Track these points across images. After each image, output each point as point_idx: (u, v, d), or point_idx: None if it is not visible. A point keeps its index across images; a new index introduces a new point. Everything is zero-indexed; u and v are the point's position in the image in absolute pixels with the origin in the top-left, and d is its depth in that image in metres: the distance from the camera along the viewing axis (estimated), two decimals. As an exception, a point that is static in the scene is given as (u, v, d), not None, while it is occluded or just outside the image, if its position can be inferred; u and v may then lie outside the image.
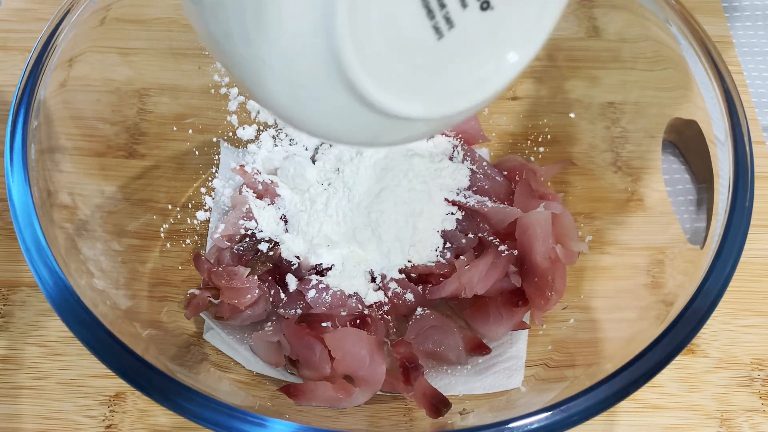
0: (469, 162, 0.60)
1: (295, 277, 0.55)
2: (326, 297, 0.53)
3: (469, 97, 0.32)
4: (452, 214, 0.57)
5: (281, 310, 0.54)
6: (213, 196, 0.62)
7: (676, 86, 0.53)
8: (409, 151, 0.58)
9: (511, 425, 0.38)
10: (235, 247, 0.57)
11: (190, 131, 0.63)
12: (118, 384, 0.54)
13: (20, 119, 0.46)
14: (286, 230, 0.58)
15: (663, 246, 0.52)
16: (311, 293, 0.53)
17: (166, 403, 0.38)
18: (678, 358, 0.41)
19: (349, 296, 0.54)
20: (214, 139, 0.64)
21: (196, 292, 0.54)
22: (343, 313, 0.52)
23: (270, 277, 0.55)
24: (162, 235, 0.58)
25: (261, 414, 0.38)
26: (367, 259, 0.56)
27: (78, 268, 0.45)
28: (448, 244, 0.57)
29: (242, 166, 0.61)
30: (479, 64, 0.32)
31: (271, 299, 0.54)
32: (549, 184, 0.61)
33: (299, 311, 0.53)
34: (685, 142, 0.54)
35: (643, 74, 0.59)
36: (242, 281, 0.53)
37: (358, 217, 0.55)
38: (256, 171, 0.61)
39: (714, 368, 0.56)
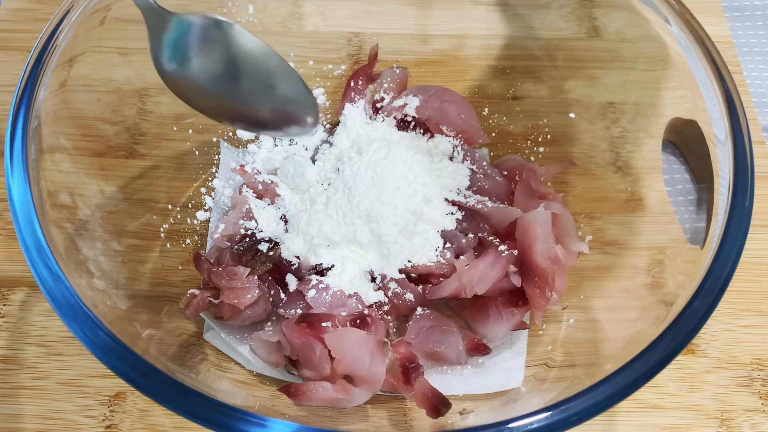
0: (469, 162, 0.60)
1: (295, 277, 0.55)
2: (326, 297, 0.53)
3: None
4: (452, 214, 0.57)
5: (281, 310, 0.54)
6: (213, 196, 0.62)
7: (676, 86, 0.53)
8: (409, 151, 0.58)
9: (511, 425, 0.38)
10: (235, 247, 0.57)
11: (190, 131, 0.63)
12: (118, 384, 0.54)
13: (20, 119, 0.46)
14: (286, 230, 0.58)
15: (663, 246, 0.52)
16: (311, 293, 0.53)
17: (166, 403, 0.38)
18: (678, 358, 0.41)
19: (349, 296, 0.54)
20: (214, 139, 0.64)
21: (196, 292, 0.54)
22: (343, 313, 0.52)
23: (270, 277, 0.55)
24: (162, 235, 0.58)
25: (261, 414, 0.38)
26: (367, 259, 0.56)
27: (78, 268, 0.45)
28: (448, 244, 0.57)
29: (242, 166, 0.61)
30: None
31: (271, 299, 0.54)
32: (549, 184, 0.61)
33: (299, 311, 0.53)
34: (685, 142, 0.54)
35: (643, 74, 0.59)
36: (242, 281, 0.53)
37: (358, 217, 0.55)
38: (256, 171, 0.61)
39: (714, 368, 0.56)
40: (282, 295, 0.55)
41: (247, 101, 0.53)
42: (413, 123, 0.62)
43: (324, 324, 0.50)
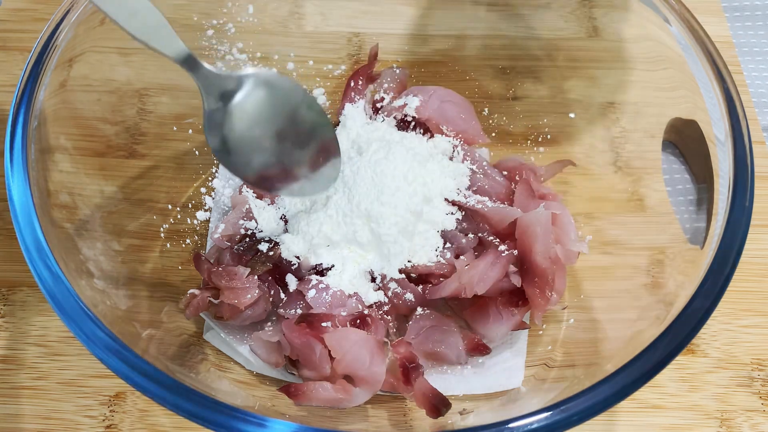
0: (469, 162, 0.60)
1: (295, 277, 0.55)
2: (326, 297, 0.53)
3: None
4: (452, 214, 0.57)
5: (281, 310, 0.54)
6: (213, 196, 0.62)
7: (676, 86, 0.53)
8: (409, 151, 0.58)
9: (511, 425, 0.38)
10: (235, 247, 0.57)
11: (190, 131, 0.63)
12: (118, 384, 0.54)
13: (20, 119, 0.46)
14: (286, 230, 0.58)
15: (663, 246, 0.52)
16: (311, 293, 0.53)
17: (166, 403, 0.38)
18: (678, 358, 0.41)
19: (349, 296, 0.54)
20: (214, 139, 0.64)
21: (196, 292, 0.54)
22: (343, 313, 0.52)
23: (270, 277, 0.55)
24: (162, 235, 0.58)
25: (261, 414, 0.38)
26: (367, 259, 0.56)
27: (78, 268, 0.45)
28: (448, 244, 0.57)
29: (242, 166, 0.61)
30: None
31: (271, 299, 0.54)
32: (549, 184, 0.61)
33: (299, 311, 0.53)
34: (685, 142, 0.54)
35: (643, 74, 0.59)
36: (242, 281, 0.53)
37: (358, 217, 0.55)
38: (256, 171, 0.61)
39: (714, 368, 0.56)
40: (282, 295, 0.55)
41: (297, 159, 0.51)
42: (413, 123, 0.62)
43: (324, 324, 0.50)
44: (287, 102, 0.50)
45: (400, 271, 0.55)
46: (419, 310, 0.54)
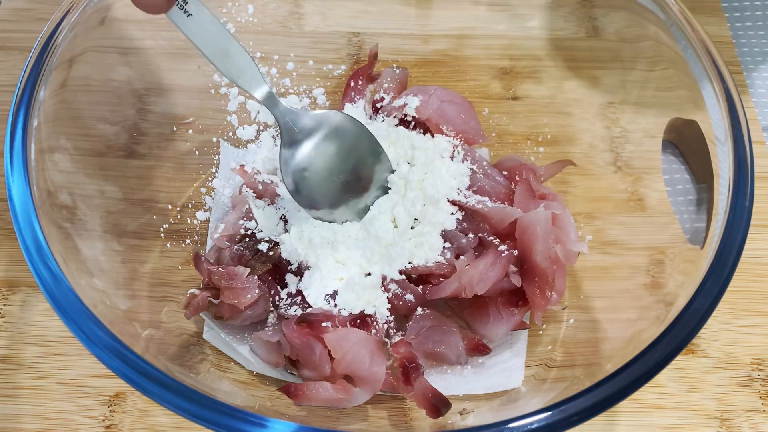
0: (469, 162, 0.60)
1: (295, 277, 0.55)
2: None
3: None
4: (452, 214, 0.57)
5: (281, 310, 0.54)
6: (213, 196, 0.62)
7: (676, 86, 0.53)
8: (409, 151, 0.58)
9: (511, 425, 0.38)
10: (235, 247, 0.57)
11: (190, 131, 0.63)
12: (118, 384, 0.54)
13: (20, 119, 0.46)
14: (286, 230, 0.58)
15: (663, 246, 0.52)
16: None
17: (165, 403, 0.38)
18: (678, 358, 0.41)
19: (349, 296, 0.54)
20: (214, 139, 0.64)
21: (196, 292, 0.54)
22: (344, 313, 0.52)
23: (270, 277, 0.55)
24: (162, 235, 0.58)
25: (261, 414, 0.38)
26: (367, 260, 0.56)
27: (78, 268, 0.45)
28: (448, 244, 0.57)
29: (242, 166, 0.61)
30: None
31: (271, 299, 0.54)
32: (549, 184, 0.61)
33: (299, 311, 0.53)
34: (685, 142, 0.54)
35: (643, 74, 0.59)
36: (242, 281, 0.53)
37: (359, 223, 0.55)
38: (256, 171, 0.61)
39: (714, 368, 0.56)
40: (282, 295, 0.55)
41: (356, 184, 0.56)
42: (413, 123, 0.62)
43: (324, 324, 0.50)
44: (350, 135, 0.56)
45: (401, 272, 0.55)
46: (419, 310, 0.54)
